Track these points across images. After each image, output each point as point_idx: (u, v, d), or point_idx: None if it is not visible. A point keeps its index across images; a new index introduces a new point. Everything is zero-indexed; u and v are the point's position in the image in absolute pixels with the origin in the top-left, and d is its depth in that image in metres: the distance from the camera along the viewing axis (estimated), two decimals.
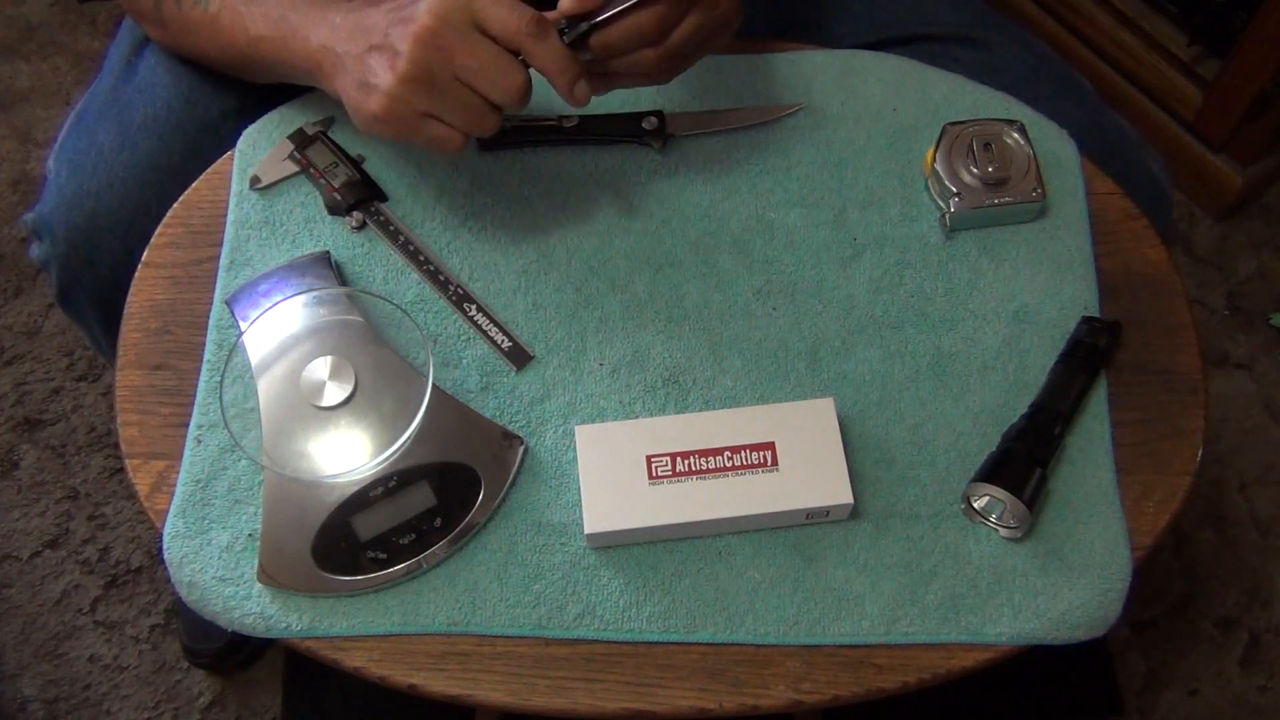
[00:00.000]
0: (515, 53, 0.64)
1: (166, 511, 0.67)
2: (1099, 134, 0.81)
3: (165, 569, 0.66)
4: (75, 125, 0.86)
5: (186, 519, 0.67)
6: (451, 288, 0.74)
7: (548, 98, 0.81)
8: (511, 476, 0.67)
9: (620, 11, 0.65)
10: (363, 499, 0.65)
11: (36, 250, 0.87)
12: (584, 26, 0.66)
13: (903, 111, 0.80)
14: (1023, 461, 0.66)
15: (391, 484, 0.66)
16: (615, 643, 0.64)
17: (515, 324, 0.73)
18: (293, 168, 0.77)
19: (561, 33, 0.65)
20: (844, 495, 0.64)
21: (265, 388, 0.68)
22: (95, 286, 0.84)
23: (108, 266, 0.82)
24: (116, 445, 0.97)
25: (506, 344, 0.72)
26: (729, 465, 0.65)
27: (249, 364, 0.68)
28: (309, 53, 0.69)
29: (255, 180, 0.77)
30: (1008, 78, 0.82)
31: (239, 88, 0.83)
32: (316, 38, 0.69)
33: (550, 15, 0.65)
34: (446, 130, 0.65)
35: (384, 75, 0.64)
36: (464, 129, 0.65)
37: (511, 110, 0.66)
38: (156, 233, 0.76)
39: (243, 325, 0.70)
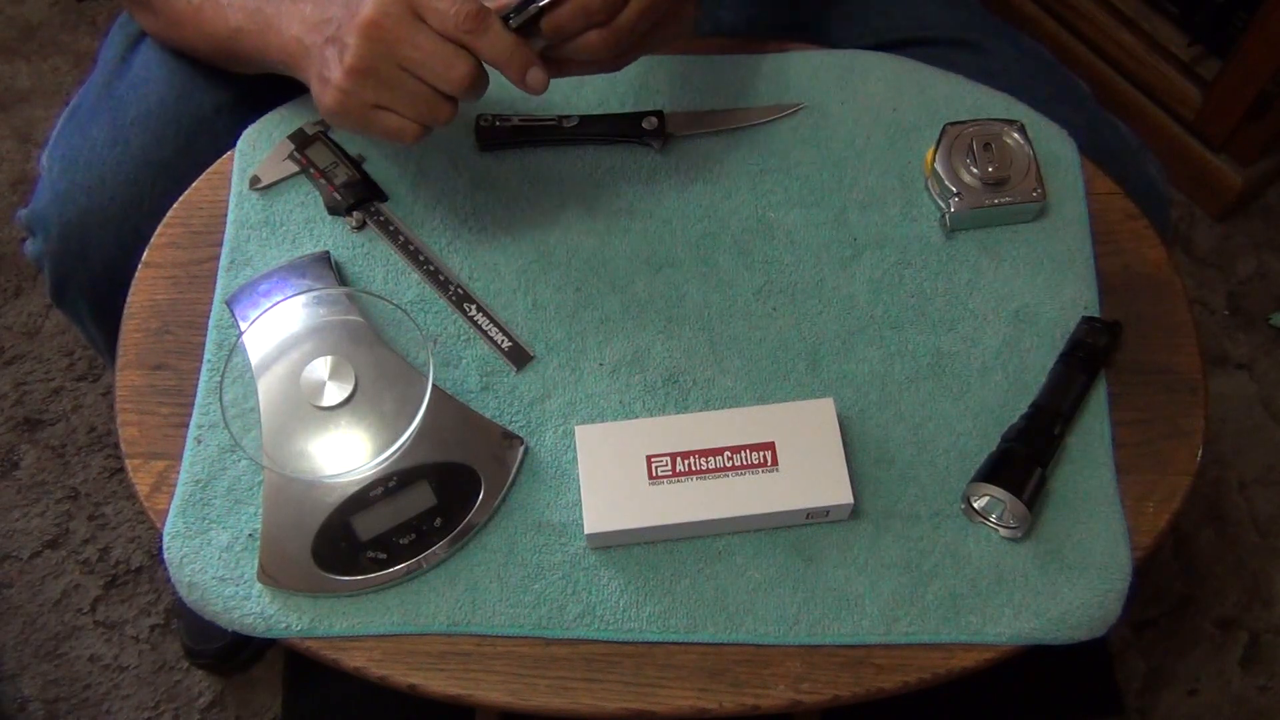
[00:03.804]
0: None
1: (166, 511, 0.67)
2: (1095, 137, 0.81)
3: (165, 569, 0.66)
4: (68, 121, 0.86)
5: (186, 519, 0.67)
6: (451, 288, 0.74)
7: (547, 98, 0.81)
8: (511, 476, 0.67)
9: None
10: (363, 499, 0.65)
11: (31, 247, 0.87)
12: (533, 9, 0.64)
13: (903, 111, 0.80)
14: (1023, 461, 0.66)
15: (391, 484, 0.66)
16: (615, 643, 0.64)
17: (515, 324, 0.73)
18: (293, 168, 0.77)
19: (508, 18, 0.64)
20: (844, 495, 0.64)
21: (265, 388, 0.68)
22: (89, 283, 0.84)
23: (101, 263, 0.82)
24: (116, 445, 0.97)
25: (506, 344, 0.72)
26: (729, 465, 0.65)
27: (249, 364, 0.68)
28: (283, 45, 0.70)
29: (255, 180, 0.77)
30: (1004, 81, 0.82)
31: (232, 82, 0.83)
32: (289, 30, 0.69)
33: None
34: (400, 121, 0.64)
35: (334, 69, 0.64)
36: (416, 119, 0.64)
37: (466, 99, 0.65)
38: (156, 233, 0.76)
39: (243, 325, 0.70)
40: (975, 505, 0.66)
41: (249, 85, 0.81)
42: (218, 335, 0.72)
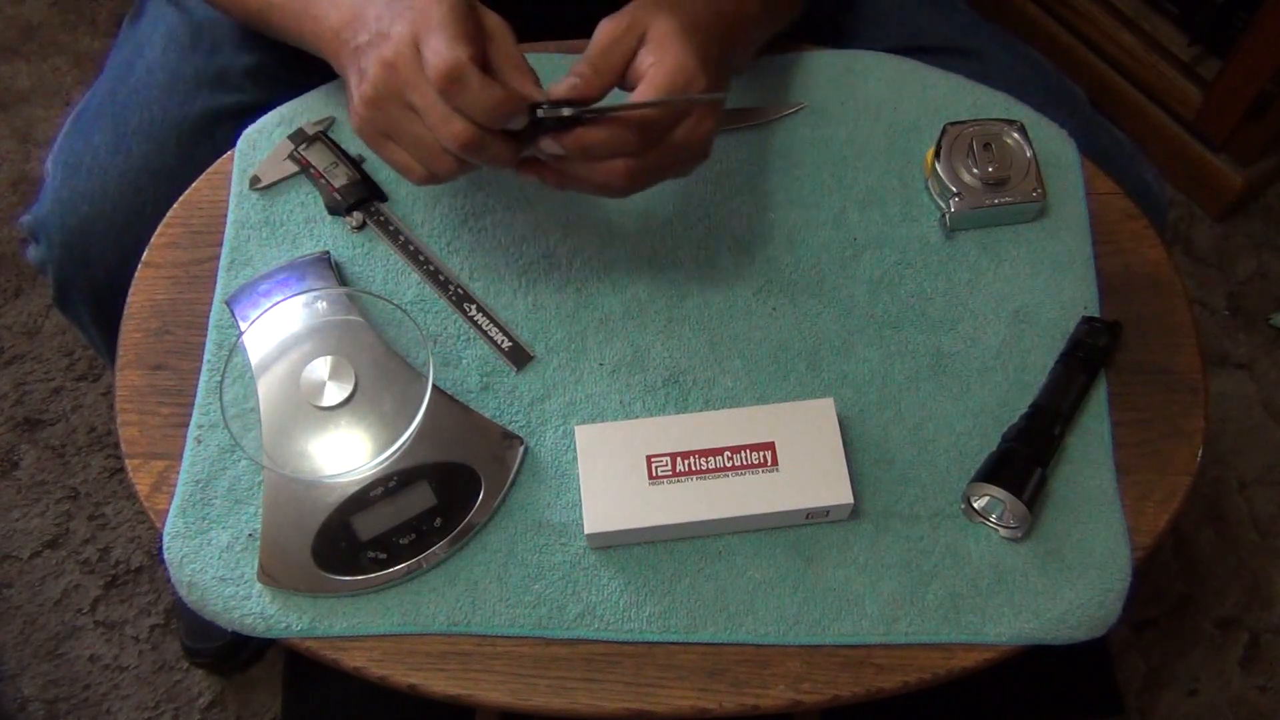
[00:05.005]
0: None
1: (166, 511, 0.67)
2: (1092, 142, 0.81)
3: (165, 569, 0.66)
4: (72, 127, 0.86)
5: (186, 519, 0.67)
6: (451, 288, 0.74)
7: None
8: (511, 476, 0.67)
9: (607, 112, 0.61)
10: (363, 499, 0.65)
11: (33, 253, 0.87)
12: (566, 112, 0.62)
13: (903, 111, 0.80)
14: (1023, 461, 0.66)
15: (391, 484, 0.66)
16: (615, 643, 0.64)
17: (515, 324, 0.73)
18: (293, 168, 0.77)
19: (536, 108, 0.61)
20: (844, 495, 0.64)
21: (265, 388, 0.68)
22: (91, 289, 0.84)
23: (103, 270, 0.82)
24: (116, 445, 0.97)
25: (506, 344, 0.72)
26: (729, 465, 0.65)
27: (249, 364, 0.68)
28: (319, 33, 0.68)
29: (255, 180, 0.77)
30: (1000, 87, 0.81)
31: (236, 90, 0.83)
32: (327, 20, 0.67)
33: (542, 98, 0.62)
34: (406, 159, 0.64)
35: (355, 91, 0.64)
36: (420, 162, 0.63)
37: (474, 159, 0.62)
38: (156, 233, 0.76)
39: (243, 325, 0.70)
40: (975, 505, 0.66)
41: (253, 94, 0.81)
42: (218, 335, 0.72)
